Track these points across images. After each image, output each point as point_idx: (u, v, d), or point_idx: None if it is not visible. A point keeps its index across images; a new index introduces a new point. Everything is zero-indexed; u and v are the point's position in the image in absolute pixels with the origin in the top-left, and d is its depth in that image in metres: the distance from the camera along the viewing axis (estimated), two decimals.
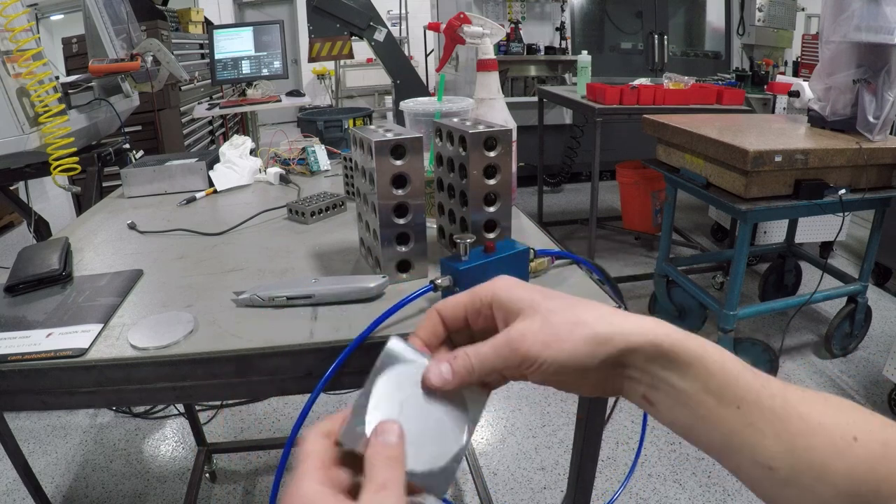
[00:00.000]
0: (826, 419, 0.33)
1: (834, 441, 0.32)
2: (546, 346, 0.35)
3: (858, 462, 0.31)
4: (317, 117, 3.56)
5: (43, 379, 0.63)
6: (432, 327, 0.40)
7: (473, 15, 1.11)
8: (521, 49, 4.33)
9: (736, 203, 1.79)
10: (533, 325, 0.36)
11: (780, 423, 0.32)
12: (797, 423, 0.32)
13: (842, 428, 0.32)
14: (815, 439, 0.32)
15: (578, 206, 4.43)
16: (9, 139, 1.51)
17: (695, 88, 2.78)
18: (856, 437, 0.32)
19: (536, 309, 0.36)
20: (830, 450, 0.32)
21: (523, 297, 0.37)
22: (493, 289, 0.39)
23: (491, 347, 0.36)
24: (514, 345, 0.36)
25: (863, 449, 0.32)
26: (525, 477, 1.80)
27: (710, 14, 4.73)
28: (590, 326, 0.35)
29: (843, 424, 0.32)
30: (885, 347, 2.42)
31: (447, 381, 0.36)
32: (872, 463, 0.31)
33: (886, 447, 0.32)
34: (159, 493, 1.77)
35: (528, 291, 0.38)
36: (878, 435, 0.32)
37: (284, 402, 2.18)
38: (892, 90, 1.80)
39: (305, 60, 4.37)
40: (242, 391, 0.67)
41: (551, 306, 0.36)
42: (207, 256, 0.92)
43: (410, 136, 0.73)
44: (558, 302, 0.37)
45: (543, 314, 0.36)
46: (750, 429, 0.33)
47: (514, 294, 0.38)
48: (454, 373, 0.36)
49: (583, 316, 0.35)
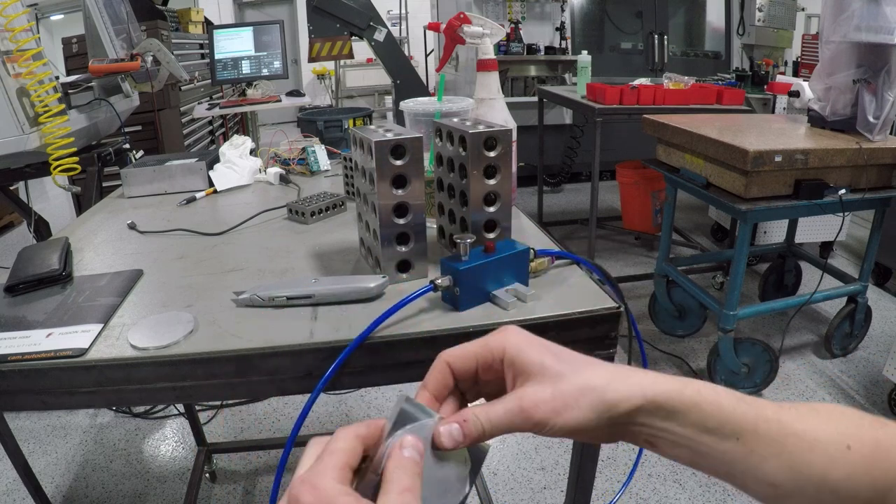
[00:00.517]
0: (820, 433, 0.35)
1: (829, 453, 0.35)
2: (557, 414, 0.37)
3: (854, 467, 0.34)
4: (317, 117, 3.56)
5: (43, 379, 0.63)
6: (442, 380, 0.40)
7: (473, 15, 1.11)
8: (521, 49, 4.33)
9: (736, 203, 1.79)
10: (544, 392, 0.37)
11: (779, 446, 0.35)
12: (794, 442, 0.35)
13: (835, 439, 0.35)
14: (812, 455, 0.35)
15: (578, 206, 4.43)
16: (9, 139, 1.50)
17: (695, 88, 2.78)
18: (849, 445, 0.35)
19: (547, 374, 0.38)
20: (827, 461, 0.35)
21: (535, 360, 0.38)
22: (505, 344, 0.40)
23: (503, 412, 0.37)
24: (527, 413, 0.37)
25: (857, 455, 0.35)
26: (525, 477, 1.80)
27: (710, 14, 4.73)
28: (597, 393, 0.37)
29: (837, 435, 0.35)
30: (885, 347, 2.42)
31: (458, 444, 0.37)
32: (867, 465, 0.34)
33: (878, 447, 0.35)
34: (159, 493, 1.77)
35: (539, 352, 0.39)
36: (869, 437, 0.35)
37: (284, 402, 2.18)
38: (892, 90, 1.80)
39: (305, 60, 4.37)
40: (242, 391, 0.67)
41: (561, 370, 0.38)
42: (207, 256, 0.92)
43: (410, 136, 0.73)
44: (567, 365, 0.38)
45: (554, 380, 0.37)
46: (751, 455, 0.35)
47: (525, 356, 0.39)
48: (465, 435, 0.37)
49: (590, 380, 0.37)
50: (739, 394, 0.37)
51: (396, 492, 0.31)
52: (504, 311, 0.70)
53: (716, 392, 0.37)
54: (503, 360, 0.39)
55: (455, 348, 0.41)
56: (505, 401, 0.38)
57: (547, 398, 0.37)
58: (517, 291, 0.71)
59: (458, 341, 0.66)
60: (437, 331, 0.67)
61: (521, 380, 0.38)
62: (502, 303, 0.70)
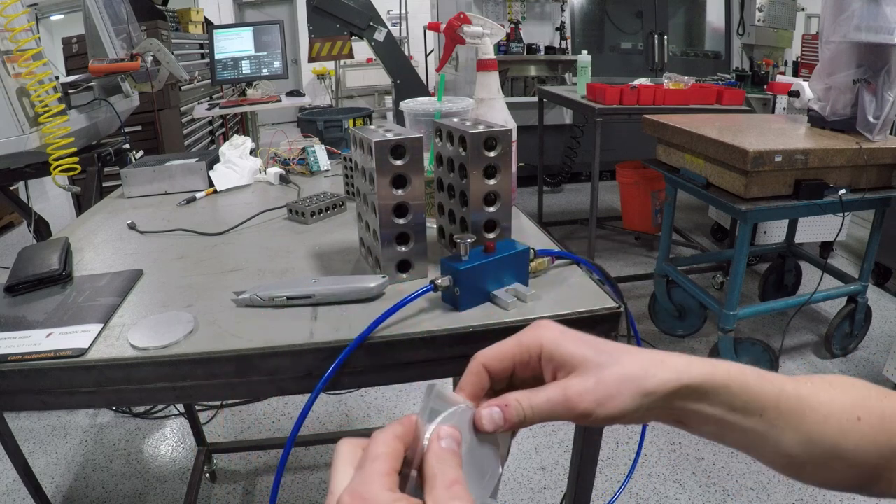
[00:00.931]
0: (834, 406, 0.38)
1: (842, 424, 0.38)
2: (599, 405, 0.37)
3: (862, 437, 0.38)
4: (317, 117, 3.56)
5: (43, 379, 0.63)
6: (479, 382, 0.40)
7: (473, 15, 1.11)
8: (521, 49, 4.32)
9: (736, 203, 1.79)
10: (587, 383, 0.38)
11: (797, 420, 0.38)
12: (810, 415, 0.38)
13: (847, 410, 0.38)
14: (826, 426, 0.38)
15: (578, 206, 4.43)
16: (9, 139, 1.50)
17: (695, 88, 2.78)
18: (859, 416, 0.38)
19: (589, 366, 0.38)
20: (839, 432, 0.38)
21: (575, 352, 0.39)
22: (541, 340, 0.40)
23: (545, 401, 0.38)
24: (571, 403, 0.37)
25: (866, 425, 0.38)
26: (525, 477, 1.80)
27: (710, 14, 4.72)
28: (637, 382, 0.38)
29: (849, 406, 0.38)
30: (885, 347, 2.42)
31: (498, 427, 0.37)
32: (874, 436, 0.38)
33: (883, 419, 0.38)
34: (159, 493, 1.77)
35: (578, 345, 0.39)
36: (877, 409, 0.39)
37: (284, 402, 2.18)
38: (892, 90, 1.80)
39: (305, 60, 4.37)
40: (242, 391, 0.67)
41: (601, 361, 0.38)
42: (207, 256, 0.92)
43: (410, 136, 0.73)
44: (605, 356, 0.39)
45: (595, 372, 0.38)
46: (772, 429, 0.38)
47: (565, 349, 0.39)
48: (506, 420, 0.37)
49: (630, 370, 0.38)
50: (762, 371, 0.39)
51: (444, 486, 0.31)
52: (504, 311, 0.70)
53: (742, 372, 0.39)
54: (540, 355, 0.40)
55: (490, 349, 0.41)
56: (548, 389, 0.38)
57: (590, 389, 0.37)
58: (517, 291, 0.71)
59: (459, 341, 0.67)
60: (437, 331, 0.67)
61: (563, 373, 0.39)
62: (502, 303, 0.70)
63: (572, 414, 0.38)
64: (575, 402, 0.37)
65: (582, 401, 0.37)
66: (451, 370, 0.69)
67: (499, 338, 0.70)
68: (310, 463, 1.88)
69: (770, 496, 1.69)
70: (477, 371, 0.40)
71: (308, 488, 1.78)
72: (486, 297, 0.72)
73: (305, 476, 1.83)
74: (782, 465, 0.39)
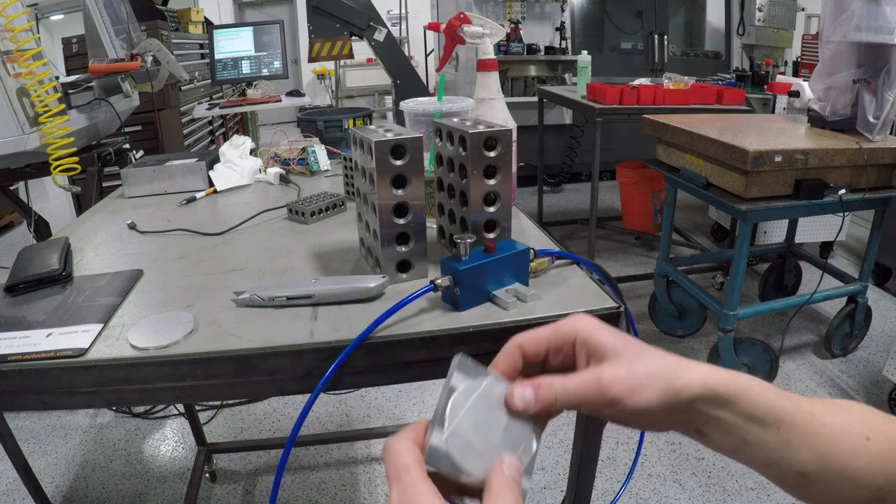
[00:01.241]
0: (845, 426, 0.39)
1: (852, 444, 0.38)
2: (630, 393, 0.38)
3: (872, 458, 0.38)
4: (317, 117, 3.56)
5: (43, 379, 0.63)
6: (512, 362, 0.41)
7: (473, 15, 1.11)
8: (521, 49, 4.32)
9: (736, 203, 1.79)
10: (621, 370, 0.38)
11: (811, 437, 0.38)
12: (823, 433, 0.38)
13: (857, 430, 0.39)
14: (838, 445, 0.38)
15: (578, 206, 4.43)
16: (9, 139, 1.50)
17: (695, 88, 2.78)
18: (868, 437, 0.38)
19: (622, 355, 0.39)
20: (850, 451, 0.38)
21: (609, 340, 0.40)
22: (576, 328, 0.41)
23: (578, 385, 0.38)
24: (604, 387, 0.38)
25: (874, 445, 0.38)
26: None
27: (710, 14, 4.73)
28: (665, 379, 0.38)
29: (858, 427, 0.39)
30: (885, 347, 2.42)
31: (528, 406, 0.38)
32: (882, 456, 0.38)
33: (890, 440, 0.38)
34: (159, 493, 1.77)
35: (612, 336, 0.40)
36: (884, 431, 0.39)
37: (284, 402, 2.18)
38: (892, 90, 1.80)
39: (305, 60, 4.37)
40: (242, 391, 0.67)
41: (633, 354, 0.39)
42: (207, 256, 0.92)
43: (410, 136, 0.73)
44: (637, 350, 0.39)
45: (629, 361, 0.39)
46: (787, 445, 0.38)
47: (600, 336, 0.40)
48: (537, 400, 0.38)
49: (656, 366, 0.39)
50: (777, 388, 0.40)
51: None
52: (504, 311, 0.70)
53: (761, 384, 0.39)
54: (574, 342, 0.41)
55: (526, 332, 0.42)
56: (581, 374, 0.39)
57: (623, 376, 0.38)
58: (517, 291, 0.71)
59: (459, 341, 0.67)
60: (437, 331, 0.67)
61: (596, 360, 0.40)
62: (502, 303, 0.70)
63: (604, 399, 0.38)
64: (607, 388, 0.38)
65: (613, 386, 0.38)
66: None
67: (499, 338, 0.70)
68: (310, 463, 1.88)
69: (770, 496, 1.69)
70: (512, 351, 0.41)
71: (308, 488, 1.78)
72: (486, 297, 0.72)
73: (305, 476, 1.83)
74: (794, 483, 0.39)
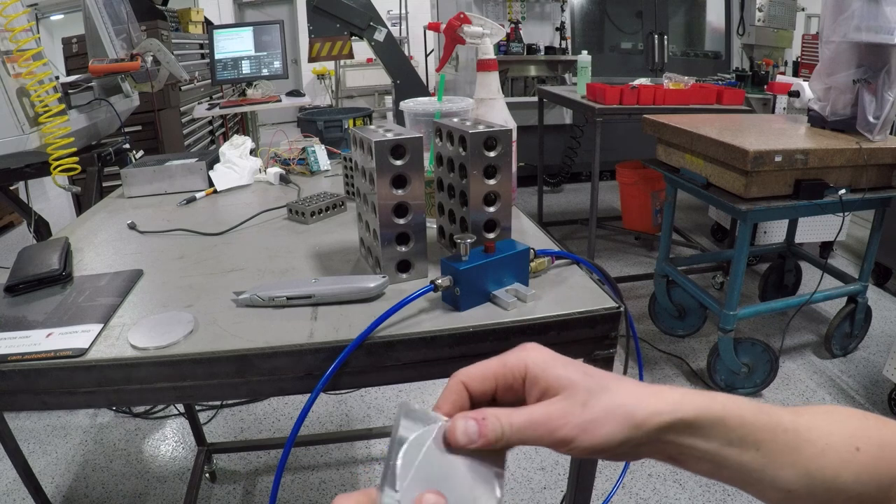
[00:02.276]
0: (832, 438, 0.37)
1: (840, 456, 0.36)
2: (583, 431, 0.35)
3: (862, 468, 0.36)
4: (317, 117, 3.55)
5: (43, 379, 0.63)
6: (458, 401, 0.38)
7: (473, 15, 1.11)
8: (521, 49, 4.32)
9: (736, 203, 1.79)
10: (573, 408, 0.35)
11: (795, 454, 0.36)
12: (808, 448, 0.36)
13: (846, 441, 0.37)
14: (825, 459, 0.36)
15: (578, 206, 4.43)
16: (9, 139, 1.51)
17: (695, 88, 2.78)
18: (858, 447, 0.36)
19: (577, 390, 0.36)
20: (839, 464, 0.36)
21: (562, 375, 0.37)
22: (526, 361, 0.38)
23: (527, 421, 0.35)
24: (553, 425, 0.35)
25: (865, 455, 0.36)
26: (525, 477, 1.80)
27: (710, 14, 4.73)
28: (625, 412, 0.35)
29: (847, 437, 0.37)
30: (885, 347, 2.41)
31: (471, 442, 0.34)
32: (874, 466, 0.36)
33: (882, 448, 0.37)
34: (159, 493, 1.77)
35: (565, 369, 0.37)
36: (876, 439, 0.37)
37: (284, 402, 2.18)
38: (892, 90, 1.80)
39: (305, 60, 4.36)
40: (242, 391, 0.67)
41: (590, 386, 0.36)
42: (207, 256, 0.92)
43: (410, 136, 0.73)
44: (595, 381, 0.37)
45: (583, 398, 0.36)
46: (769, 464, 0.36)
47: (552, 371, 0.37)
48: (481, 434, 0.35)
49: (620, 398, 0.36)
50: (758, 403, 0.37)
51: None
52: (504, 311, 0.70)
53: (738, 405, 0.37)
54: (525, 378, 0.37)
55: (471, 367, 0.38)
56: (530, 408, 0.36)
57: (576, 413, 0.35)
58: (517, 291, 0.71)
59: (459, 342, 0.67)
60: (437, 331, 0.67)
61: (548, 397, 0.37)
62: (502, 303, 0.70)
63: (553, 437, 0.35)
64: (557, 425, 0.35)
65: (565, 424, 0.35)
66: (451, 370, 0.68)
67: (499, 338, 0.70)
68: (310, 463, 1.88)
69: None
70: (456, 389, 0.38)
71: (308, 488, 1.78)
72: (487, 298, 0.72)
73: (305, 476, 1.83)
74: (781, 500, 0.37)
